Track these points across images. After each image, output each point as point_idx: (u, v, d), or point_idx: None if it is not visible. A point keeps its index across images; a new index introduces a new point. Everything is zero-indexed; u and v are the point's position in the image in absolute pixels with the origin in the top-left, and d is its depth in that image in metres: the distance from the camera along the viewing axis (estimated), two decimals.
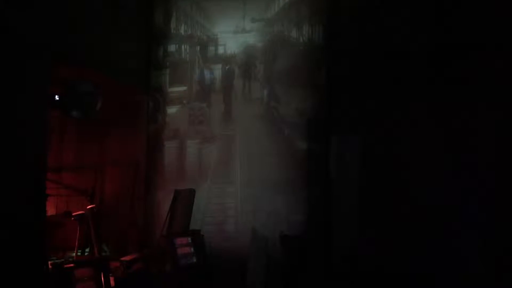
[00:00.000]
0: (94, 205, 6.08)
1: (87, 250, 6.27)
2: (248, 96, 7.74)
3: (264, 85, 7.61)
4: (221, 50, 7.88)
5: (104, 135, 7.26)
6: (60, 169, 7.05)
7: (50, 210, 6.60)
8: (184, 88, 7.91)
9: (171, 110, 7.78)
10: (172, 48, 7.92)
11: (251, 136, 7.47)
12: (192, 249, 5.99)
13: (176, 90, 7.89)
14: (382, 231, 6.14)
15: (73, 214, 5.96)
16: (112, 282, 4.95)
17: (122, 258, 5.69)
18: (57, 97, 5.25)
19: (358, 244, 6.28)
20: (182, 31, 7.98)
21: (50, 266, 4.58)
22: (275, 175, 7.18)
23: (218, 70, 7.85)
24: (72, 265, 4.66)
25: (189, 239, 6.04)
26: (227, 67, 7.83)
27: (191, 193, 6.69)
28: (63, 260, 5.41)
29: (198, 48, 7.95)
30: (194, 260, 5.96)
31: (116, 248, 6.61)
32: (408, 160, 6.14)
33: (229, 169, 7.48)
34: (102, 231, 6.33)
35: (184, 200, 6.55)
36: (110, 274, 4.98)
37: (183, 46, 8.00)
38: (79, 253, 6.08)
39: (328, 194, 6.65)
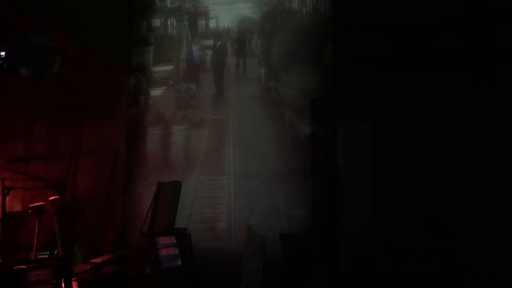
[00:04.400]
0: (58, 196, 5.59)
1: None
2: (242, 75, 7.33)
3: (262, 63, 7.21)
4: (212, 24, 7.51)
5: (78, 120, 6.90)
6: (28, 158, 6.74)
7: (16, 206, 6.41)
8: (170, 67, 7.56)
9: (155, 91, 7.54)
10: (157, 22, 7.63)
11: (246, 120, 7.09)
12: (176, 250, 5.64)
13: (161, 69, 7.57)
14: (396, 229, 5.80)
15: (30, 205, 5.46)
16: (75, 287, 4.70)
17: (92, 260, 5.50)
18: (3, 54, 4.53)
19: (368, 244, 5.93)
20: (168, 3, 7.63)
21: None
22: (273, 165, 6.75)
23: (208, 47, 7.48)
24: (24, 266, 4.40)
25: (173, 239, 5.72)
26: (218, 43, 7.44)
27: (177, 186, 6.33)
28: (15, 261, 4.92)
29: (186, 22, 7.55)
30: (179, 262, 5.60)
31: (90, 249, 6.36)
32: (426, 147, 5.83)
33: (221, 159, 7.10)
34: (74, 229, 6.01)
35: (169, 194, 6.23)
36: (74, 278, 4.71)
37: (169, 20, 7.62)
38: (45, 255, 5.70)
39: (334, 186, 6.27)
